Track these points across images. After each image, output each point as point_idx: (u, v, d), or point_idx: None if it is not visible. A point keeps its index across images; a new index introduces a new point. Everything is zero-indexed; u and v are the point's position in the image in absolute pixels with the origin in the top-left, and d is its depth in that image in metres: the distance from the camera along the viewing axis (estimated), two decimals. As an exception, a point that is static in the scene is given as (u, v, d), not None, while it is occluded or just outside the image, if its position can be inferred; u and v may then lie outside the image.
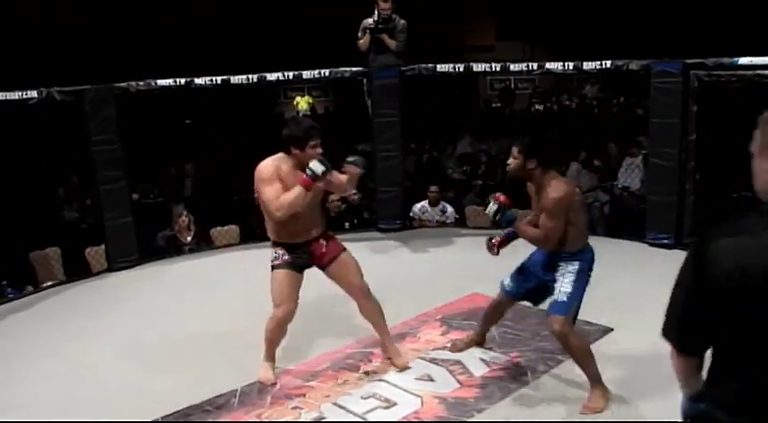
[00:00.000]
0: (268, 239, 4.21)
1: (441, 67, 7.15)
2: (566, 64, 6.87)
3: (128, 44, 12.93)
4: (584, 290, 3.87)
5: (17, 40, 11.71)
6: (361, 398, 4.04)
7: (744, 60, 5.88)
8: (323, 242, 4.21)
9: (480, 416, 3.84)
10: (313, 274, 4.28)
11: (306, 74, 7.15)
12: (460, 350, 4.53)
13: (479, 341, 4.59)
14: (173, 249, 7.03)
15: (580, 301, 3.89)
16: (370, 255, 6.58)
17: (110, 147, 6.37)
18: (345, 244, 4.35)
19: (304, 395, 4.11)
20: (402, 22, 7.15)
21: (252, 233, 7.42)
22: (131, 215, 6.64)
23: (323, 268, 4.25)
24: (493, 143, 10.36)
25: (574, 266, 3.83)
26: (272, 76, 7.01)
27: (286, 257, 4.12)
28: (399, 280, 5.85)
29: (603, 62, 6.64)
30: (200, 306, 5.55)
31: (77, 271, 6.68)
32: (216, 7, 14.42)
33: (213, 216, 7.88)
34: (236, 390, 4.17)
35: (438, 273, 6.14)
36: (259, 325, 5.02)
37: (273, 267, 4.15)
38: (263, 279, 5.84)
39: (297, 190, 3.88)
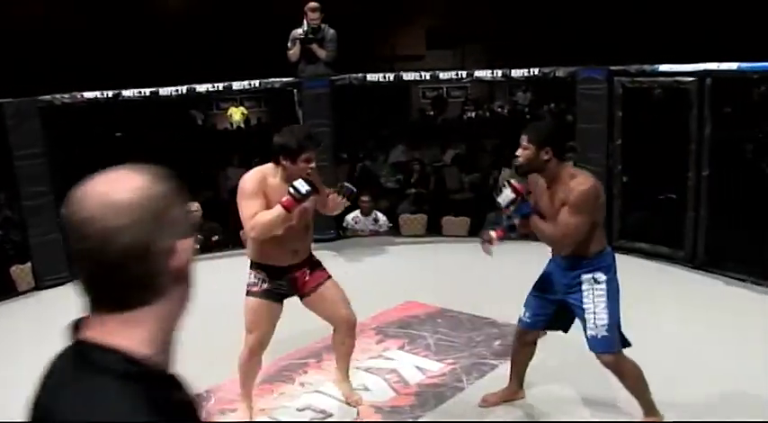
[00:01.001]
0: (201, 252, 4.14)
1: (371, 77, 7.20)
2: (494, 71, 7.00)
3: (56, 56, 12.68)
4: (618, 301, 3.48)
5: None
6: (297, 410, 4.03)
7: (664, 67, 6.05)
8: (306, 270, 3.81)
9: (416, 423, 3.86)
10: (237, 284, 4.22)
11: (236, 85, 7.11)
12: (494, 404, 3.97)
13: (515, 394, 4.01)
14: (104, 265, 6.87)
15: (619, 318, 3.50)
16: (305, 265, 6.57)
17: (34, 161, 6.20)
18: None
19: (239, 409, 4.06)
20: (331, 31, 7.18)
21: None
22: (60, 231, 6.47)
23: (302, 297, 3.86)
24: (426, 151, 10.43)
25: (600, 284, 3.43)
26: (201, 88, 6.95)
27: (265, 286, 3.72)
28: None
29: (531, 69, 6.78)
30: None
31: (2, 290, 6.47)
32: (146, 19, 14.24)
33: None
34: (170, 406, 4.09)
35: (372, 282, 6.14)
36: (193, 340, 4.96)
37: (249, 293, 3.76)
38: (198, 293, 5.74)
39: (276, 210, 3.47)
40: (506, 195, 3.45)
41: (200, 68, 10.38)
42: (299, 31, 7.11)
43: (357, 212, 7.74)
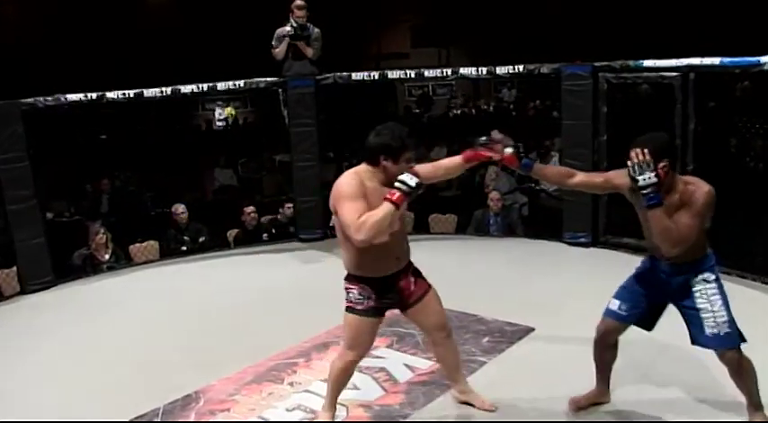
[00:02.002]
0: (188, 253, 4.08)
1: (356, 76, 7.21)
2: (479, 69, 7.01)
3: (41, 59, 12.61)
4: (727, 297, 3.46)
5: None
6: (287, 410, 4.01)
7: (648, 63, 6.08)
8: (411, 278, 3.59)
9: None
10: (225, 285, 4.22)
11: (220, 85, 7.08)
12: (583, 408, 3.86)
13: (603, 396, 3.91)
14: (90, 268, 6.84)
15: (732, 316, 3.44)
16: (293, 265, 6.57)
17: (18, 165, 6.15)
18: (267, 255, 4.31)
19: (228, 410, 4.05)
20: (316, 30, 7.17)
21: (171, 248, 7.32)
22: (44, 235, 6.43)
23: (405, 308, 3.63)
24: (413, 149, 10.43)
25: (711, 283, 3.42)
26: (186, 89, 6.91)
27: (371, 303, 3.46)
28: (322, 289, 5.80)
29: (516, 66, 6.79)
30: (119, 325, 5.41)
31: (-12, 295, 6.44)
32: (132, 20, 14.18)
33: (132, 232, 7.71)
34: (159, 408, 4.08)
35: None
36: (180, 341, 4.96)
37: (353, 310, 3.49)
38: (183, 295, 5.76)
39: (384, 207, 3.14)
40: (650, 177, 3.26)
41: (185, 69, 10.34)
42: (286, 28, 7.09)
43: (343, 211, 7.71)
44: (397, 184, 3.18)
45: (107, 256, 6.94)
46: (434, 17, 16.99)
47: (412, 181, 3.18)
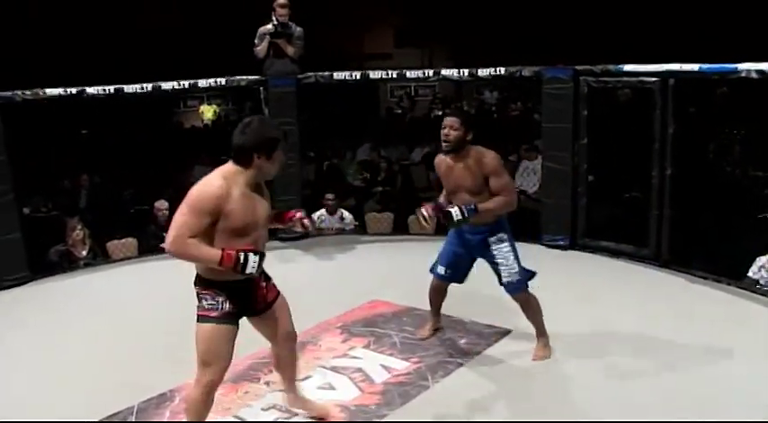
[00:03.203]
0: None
1: (337, 75, 7.21)
2: (461, 71, 7.02)
3: (20, 52, 12.49)
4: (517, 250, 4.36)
5: None
6: (262, 409, 4.00)
7: (628, 67, 6.11)
8: (263, 283, 3.47)
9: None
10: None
11: (202, 82, 7.05)
12: (427, 338, 4.79)
13: (438, 323, 4.90)
14: (66, 264, 6.79)
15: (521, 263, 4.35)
16: (272, 264, 6.50)
17: (-6, 159, 6.11)
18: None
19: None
20: (299, 29, 7.17)
21: (150, 245, 7.27)
22: (21, 230, 6.37)
23: (258, 314, 3.48)
24: (393, 149, 10.44)
25: (505, 242, 4.32)
26: (166, 85, 6.89)
27: (227, 307, 3.23)
28: (299, 288, 5.76)
29: (498, 69, 6.80)
30: (93, 323, 5.37)
31: (-38, 289, 6.36)
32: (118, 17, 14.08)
33: (110, 229, 7.65)
34: (133, 406, 4.05)
35: (338, 280, 6.15)
36: (155, 340, 4.93)
37: (207, 319, 3.23)
38: (160, 294, 5.74)
39: (212, 255, 3.08)
40: (456, 214, 4.10)
41: (167, 66, 10.27)
42: (269, 26, 7.09)
43: (323, 211, 7.72)
44: (241, 254, 3.07)
45: (84, 253, 6.89)
46: (418, 18, 16.98)
47: (252, 264, 3.09)
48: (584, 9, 14.02)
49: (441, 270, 4.56)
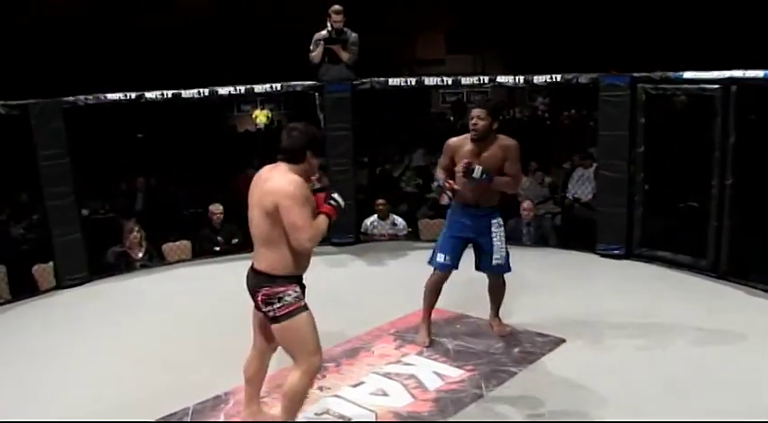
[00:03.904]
0: (220, 254, 4.05)
1: (393, 81, 7.23)
2: (516, 77, 6.97)
3: (79, 57, 12.77)
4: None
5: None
6: (315, 414, 4.01)
7: (688, 74, 6.00)
8: None
9: (435, 430, 3.84)
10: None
11: (258, 88, 7.13)
12: (430, 345, 4.82)
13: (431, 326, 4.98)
14: (123, 266, 6.91)
15: None
16: (325, 269, 6.55)
17: (58, 161, 6.24)
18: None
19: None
20: (354, 34, 7.20)
21: (204, 248, 7.36)
22: (81, 231, 6.52)
23: None
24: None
25: (502, 227, 4.70)
26: (223, 90, 6.98)
27: (303, 297, 3.48)
28: (353, 294, 5.85)
29: (554, 76, 6.74)
30: (151, 324, 5.46)
31: (24, 289, 6.51)
32: (169, 21, 14.30)
33: (165, 231, 7.77)
34: (189, 408, 4.10)
35: (390, 286, 6.14)
36: (210, 341, 4.98)
37: (299, 310, 3.41)
38: (215, 296, 5.80)
39: (323, 219, 3.42)
40: (479, 170, 4.41)
41: (221, 71, 10.40)
42: (323, 32, 7.14)
43: (375, 217, 7.74)
44: (331, 201, 3.47)
45: (140, 255, 7.01)
46: (470, 23, 16.94)
47: (342, 201, 3.53)
48: (637, 14, 13.83)
49: (441, 258, 4.73)
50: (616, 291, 5.84)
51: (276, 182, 3.33)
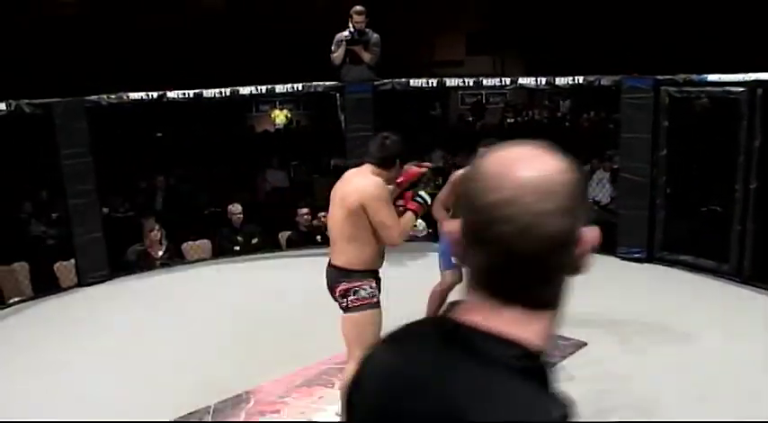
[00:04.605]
0: (240, 254, 4.09)
1: (414, 82, 7.21)
2: (538, 79, 6.95)
3: (100, 57, 12.83)
4: None
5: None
6: (336, 414, 4.01)
7: (712, 77, 5.96)
8: None
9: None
10: (276, 286, 4.23)
11: (279, 88, 7.14)
12: None
13: None
14: (144, 264, 6.94)
15: None
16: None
17: (80, 160, 6.28)
18: (319, 258, 4.29)
19: (279, 412, 4.07)
20: (375, 35, 7.19)
21: (224, 247, 7.38)
22: (102, 230, 6.55)
23: None
24: (465, 157, 10.38)
25: None
26: (244, 90, 6.99)
27: (378, 293, 3.63)
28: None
29: (576, 78, 6.70)
30: (172, 322, 5.48)
31: (46, 286, 6.56)
32: (189, 21, 14.36)
33: (185, 230, 7.80)
34: (210, 406, 4.11)
35: (411, 288, 6.10)
36: (231, 340, 4.99)
37: (371, 305, 3.56)
38: (235, 294, 5.81)
39: (410, 216, 3.65)
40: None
41: (238, 71, 10.43)
42: (345, 33, 7.14)
43: (393, 218, 7.71)
44: (418, 199, 3.69)
45: (161, 253, 7.04)
46: (490, 25, 16.90)
47: (428, 198, 3.76)
48: (660, 17, 13.74)
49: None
50: (638, 294, 5.80)
51: (360, 183, 3.51)
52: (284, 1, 15.03)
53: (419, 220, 4.28)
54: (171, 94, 6.77)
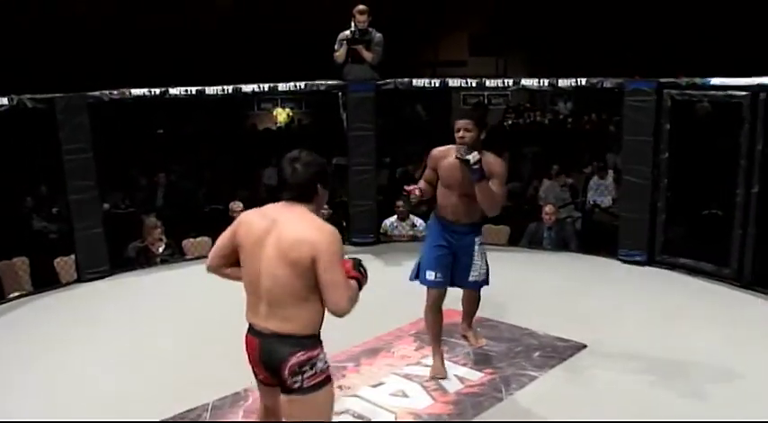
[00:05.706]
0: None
1: (416, 82, 7.20)
2: (541, 81, 6.93)
3: (103, 53, 12.85)
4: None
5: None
6: (335, 413, 4.00)
7: (715, 81, 5.95)
8: None
9: (454, 432, 3.83)
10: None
11: (281, 86, 7.14)
12: (445, 377, 4.39)
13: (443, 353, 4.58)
14: (144, 260, 6.94)
15: None
16: (344, 268, 6.56)
17: (81, 156, 6.27)
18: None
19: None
20: (378, 35, 7.20)
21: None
22: (102, 225, 6.55)
23: None
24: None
25: (483, 244, 4.48)
26: (247, 88, 6.99)
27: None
28: (372, 294, 5.77)
29: (579, 80, 6.70)
30: (171, 318, 5.48)
31: (46, 281, 6.56)
32: (195, 19, 14.36)
33: (185, 227, 7.80)
34: (208, 404, 4.11)
35: (412, 287, 6.10)
36: (230, 337, 4.98)
37: (327, 382, 2.86)
38: (235, 292, 5.79)
39: (355, 285, 2.93)
40: (475, 155, 4.00)
41: (241, 69, 10.43)
42: (347, 32, 7.14)
43: (394, 217, 7.73)
44: (360, 269, 2.99)
45: (161, 249, 7.03)
46: (493, 26, 16.90)
47: (367, 273, 3.01)
48: (662, 19, 13.75)
49: (431, 276, 4.37)
50: (638, 297, 5.80)
51: (307, 230, 2.74)
52: (288, 0, 15.03)
53: (475, 153, 3.99)
54: (173, 91, 6.77)
